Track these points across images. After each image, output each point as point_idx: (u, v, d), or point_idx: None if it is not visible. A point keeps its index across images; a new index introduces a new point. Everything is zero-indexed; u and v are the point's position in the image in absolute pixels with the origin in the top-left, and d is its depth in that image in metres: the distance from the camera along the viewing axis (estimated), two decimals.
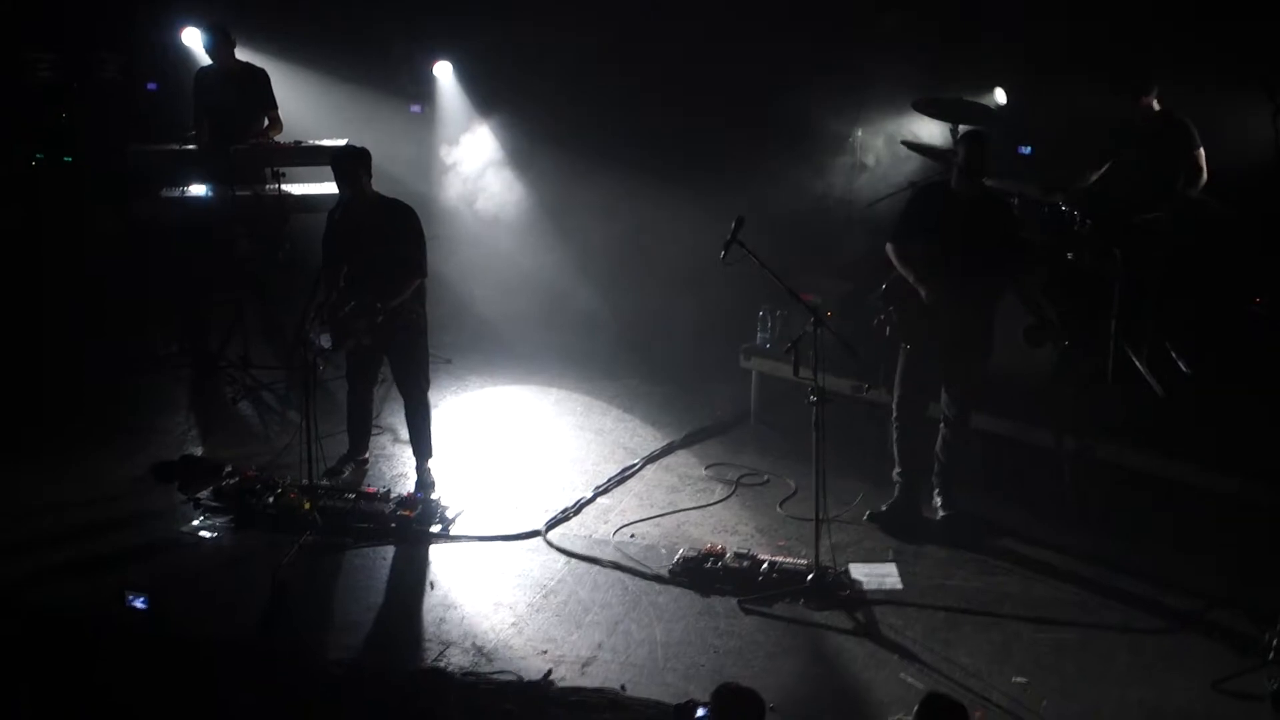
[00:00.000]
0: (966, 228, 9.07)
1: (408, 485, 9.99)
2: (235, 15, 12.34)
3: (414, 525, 9.27)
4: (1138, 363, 10.04)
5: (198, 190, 11.86)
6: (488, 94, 13.97)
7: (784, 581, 8.49)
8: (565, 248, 13.39)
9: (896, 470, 9.51)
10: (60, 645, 7.85)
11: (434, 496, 9.67)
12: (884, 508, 9.47)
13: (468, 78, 13.98)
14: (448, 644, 7.90)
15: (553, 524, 9.43)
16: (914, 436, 9.46)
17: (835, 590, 8.43)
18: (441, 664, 7.65)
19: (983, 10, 12.13)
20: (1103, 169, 10.61)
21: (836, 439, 8.80)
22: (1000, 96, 12.05)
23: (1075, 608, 8.35)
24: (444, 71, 14.00)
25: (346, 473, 10.13)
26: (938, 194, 9.40)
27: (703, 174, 12.87)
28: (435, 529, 9.30)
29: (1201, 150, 10.50)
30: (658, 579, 8.68)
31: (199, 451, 10.48)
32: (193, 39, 12.74)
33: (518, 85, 13.77)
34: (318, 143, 11.99)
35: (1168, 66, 10.80)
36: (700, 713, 6.80)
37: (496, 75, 13.86)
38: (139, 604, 8.01)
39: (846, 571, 8.66)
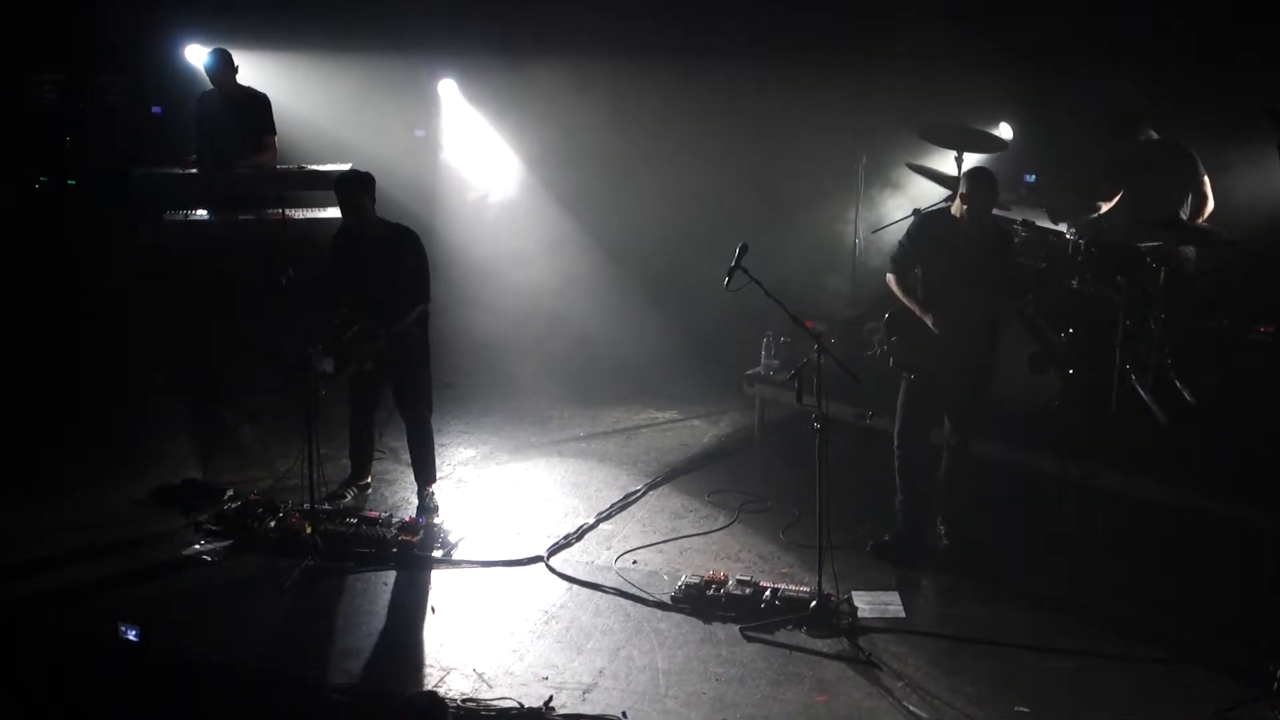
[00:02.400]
0: (967, 255, 9.06)
1: (409, 510, 9.98)
2: (238, 37, 12.38)
3: (415, 550, 9.25)
4: (1141, 390, 10.03)
5: (201, 214, 11.89)
6: (491, 114, 13.98)
7: (786, 609, 8.47)
8: (569, 273, 13.39)
9: (899, 498, 9.49)
10: (60, 666, 7.83)
11: (436, 521, 9.66)
12: (887, 536, 9.44)
13: (472, 97, 13.98)
14: (448, 669, 7.87)
15: (555, 550, 9.41)
16: (916, 465, 9.43)
17: (838, 618, 8.40)
18: (442, 689, 7.61)
19: (990, 39, 12.17)
20: (1114, 200, 10.64)
21: (840, 466, 8.79)
22: (1006, 131, 12.06)
23: (1078, 636, 8.30)
24: (448, 90, 14.00)
25: (348, 497, 10.12)
26: (939, 221, 9.40)
27: (707, 199, 12.90)
28: (437, 554, 9.28)
29: (1207, 179, 10.53)
30: (660, 605, 8.65)
31: (201, 475, 10.46)
32: (196, 57, 12.77)
33: (520, 105, 13.79)
34: (321, 167, 12.02)
35: (1170, 101, 10.87)
36: None
37: (499, 94, 13.87)
38: (130, 635, 7.99)
39: (849, 599, 8.63)
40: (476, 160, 14.16)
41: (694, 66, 13.13)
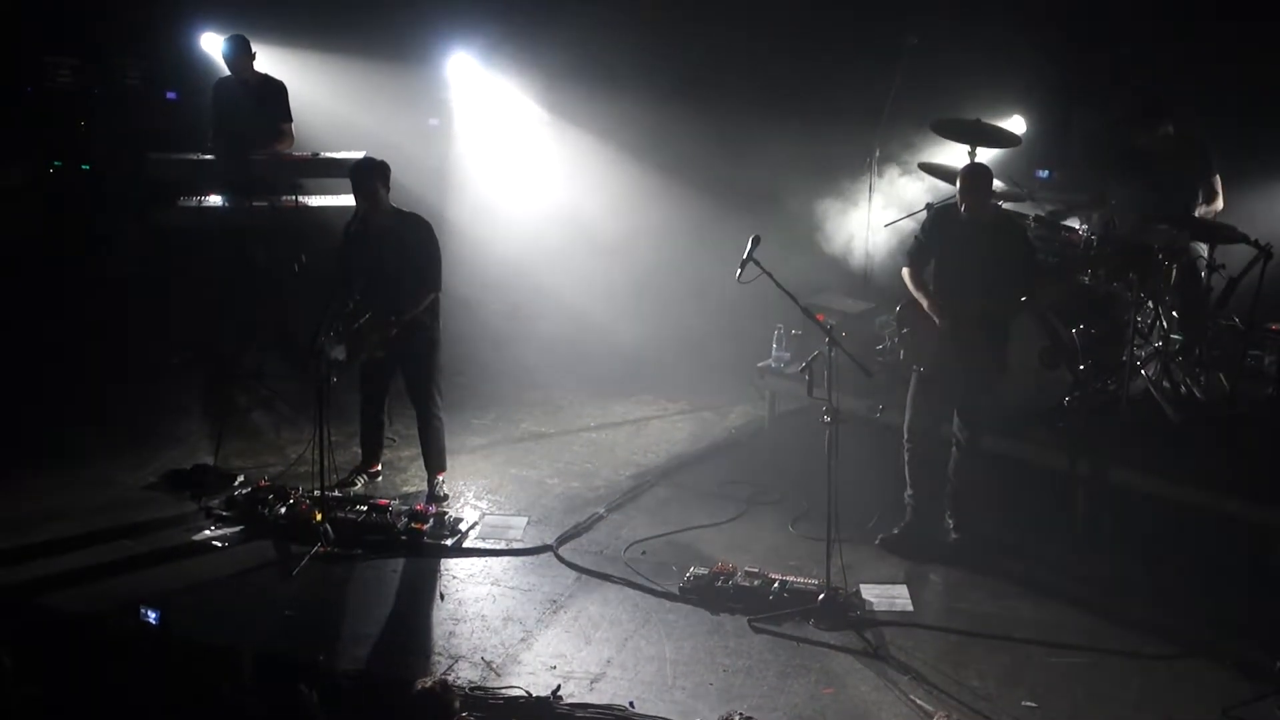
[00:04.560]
0: (978, 249, 9.08)
1: (419, 498, 10.00)
2: (254, 25, 12.39)
3: (425, 538, 9.29)
4: (1152, 387, 10.02)
5: (215, 200, 11.91)
6: (504, 93, 13.92)
7: (794, 601, 8.48)
8: (580, 262, 13.37)
9: (908, 492, 9.49)
10: (71, 648, 7.86)
11: (445, 509, 9.69)
12: (896, 530, 9.45)
13: (491, 65, 13.87)
14: (457, 657, 7.90)
15: (564, 539, 9.43)
16: (926, 459, 9.44)
17: (846, 611, 8.41)
18: (450, 677, 7.61)
19: (1004, 34, 12.14)
20: (1120, 195, 10.62)
21: (850, 459, 8.79)
22: (1020, 125, 12.03)
23: (1086, 632, 8.33)
24: (463, 64, 13.85)
25: (358, 484, 10.15)
26: (951, 215, 9.40)
27: (720, 190, 12.89)
28: (446, 542, 9.31)
29: (1218, 175, 10.51)
30: (668, 596, 8.67)
31: (212, 460, 10.49)
32: (211, 45, 12.80)
33: (530, 82, 13.77)
34: (335, 155, 12.04)
35: (1189, 94, 10.84)
36: None
37: (511, 71, 13.83)
38: (151, 618, 8.00)
39: (857, 592, 8.65)
40: (496, 132, 14.05)
41: (706, 54, 13.10)
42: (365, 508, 9.56)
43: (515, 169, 13.92)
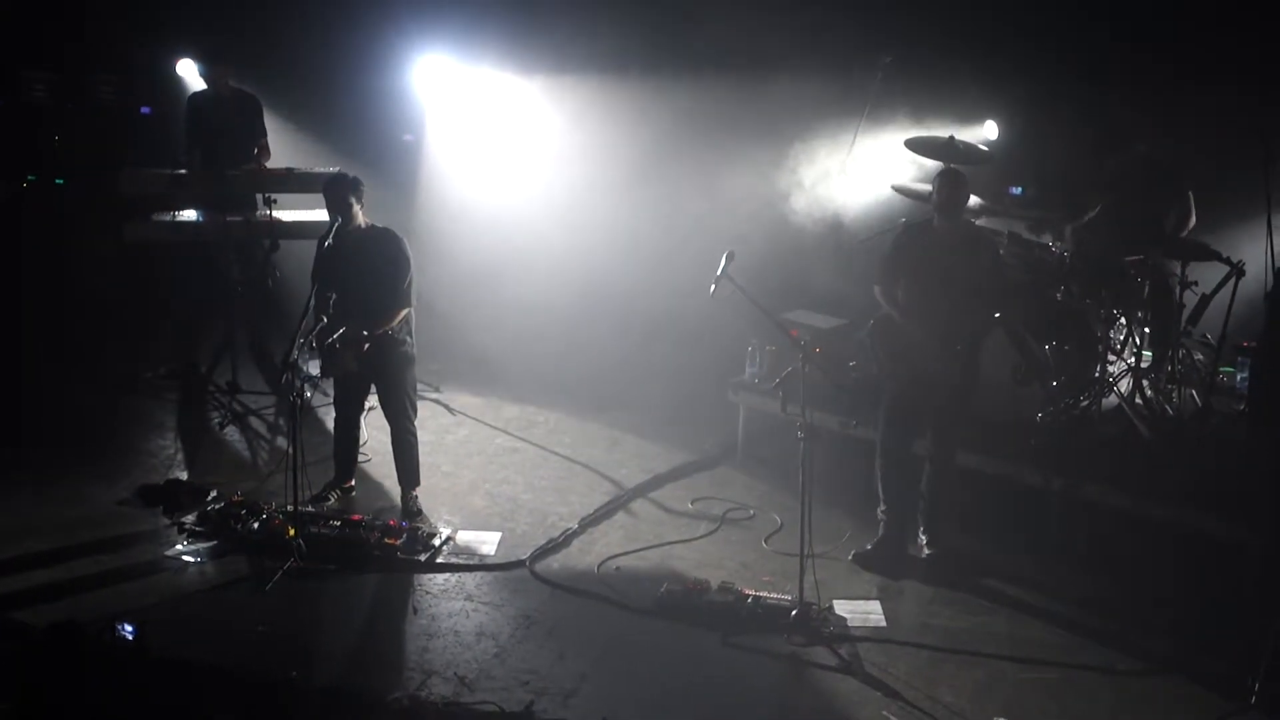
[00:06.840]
0: (949, 266, 9.11)
1: (393, 513, 9.97)
2: (229, 42, 12.41)
3: (398, 553, 9.26)
4: (1124, 403, 10.06)
5: (189, 215, 11.90)
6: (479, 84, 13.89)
7: (768, 617, 8.47)
8: (555, 278, 13.38)
9: (881, 508, 9.50)
10: (43, 664, 7.81)
11: (419, 525, 9.66)
12: (869, 546, 9.45)
13: (458, 71, 13.82)
14: (430, 673, 7.87)
15: (538, 554, 9.41)
16: (899, 474, 9.45)
17: (819, 627, 8.40)
18: (423, 693, 7.60)
19: (979, 50, 12.19)
20: (1093, 211, 10.67)
21: (824, 475, 8.80)
22: (992, 130, 12.08)
23: (1059, 648, 8.34)
24: (429, 67, 13.78)
25: (332, 499, 10.12)
26: (922, 232, 9.43)
27: (695, 204, 12.90)
28: (420, 557, 9.27)
29: (1191, 194, 10.57)
30: (642, 612, 8.65)
31: (185, 476, 10.46)
32: (187, 69, 12.80)
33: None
34: (310, 170, 12.03)
35: (1159, 116, 10.90)
36: None
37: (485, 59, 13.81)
38: (127, 633, 7.96)
39: (831, 608, 8.63)
40: (471, 138, 14.01)
41: (681, 74, 13.13)
42: (339, 523, 9.53)
43: (491, 182, 13.91)
